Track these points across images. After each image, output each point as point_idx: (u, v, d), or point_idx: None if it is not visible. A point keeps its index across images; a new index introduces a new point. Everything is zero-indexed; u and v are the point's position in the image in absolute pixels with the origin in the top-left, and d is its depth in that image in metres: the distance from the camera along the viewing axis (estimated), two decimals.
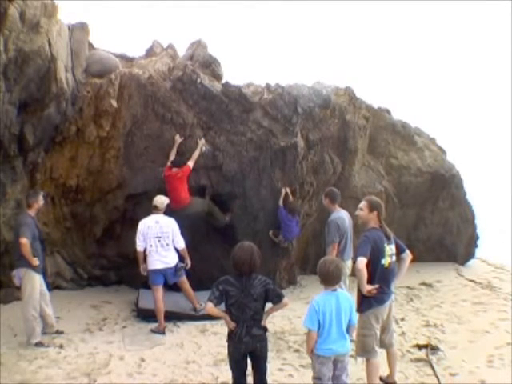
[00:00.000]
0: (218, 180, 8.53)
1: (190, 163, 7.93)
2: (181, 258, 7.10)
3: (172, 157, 8.05)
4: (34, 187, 7.49)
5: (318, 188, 9.14)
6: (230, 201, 8.57)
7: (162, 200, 7.07)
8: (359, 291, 4.84)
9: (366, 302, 4.82)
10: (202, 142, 8.24)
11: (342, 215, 6.74)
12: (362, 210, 5.04)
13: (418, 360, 5.87)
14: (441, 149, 11.34)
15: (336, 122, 9.40)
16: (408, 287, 8.95)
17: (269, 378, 4.54)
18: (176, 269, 7.00)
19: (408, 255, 5.08)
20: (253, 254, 4.26)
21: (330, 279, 4.23)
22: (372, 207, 4.98)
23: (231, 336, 4.31)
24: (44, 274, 6.66)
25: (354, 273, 4.95)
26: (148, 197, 7.30)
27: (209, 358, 5.96)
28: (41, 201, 6.64)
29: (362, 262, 4.67)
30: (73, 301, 8.08)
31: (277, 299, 4.30)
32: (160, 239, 6.87)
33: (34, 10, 6.81)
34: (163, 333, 6.79)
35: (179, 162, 7.96)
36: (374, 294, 4.74)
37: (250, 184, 8.54)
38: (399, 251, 5.03)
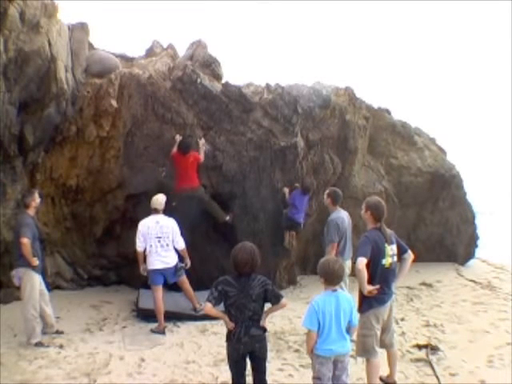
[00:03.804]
0: (217, 180, 8.53)
1: (201, 157, 8.10)
2: (181, 258, 7.10)
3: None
4: (34, 187, 7.48)
5: (318, 188, 9.13)
6: (230, 201, 8.57)
7: (160, 201, 7.05)
8: (360, 291, 4.84)
9: (366, 302, 4.81)
10: (202, 141, 8.25)
11: (341, 215, 6.74)
12: (362, 209, 5.06)
13: (418, 360, 5.86)
14: (441, 149, 11.35)
15: (336, 122, 9.41)
16: (408, 287, 8.95)
17: (269, 378, 4.53)
18: (176, 269, 6.99)
19: (410, 255, 5.07)
20: (254, 254, 4.26)
21: (334, 279, 4.22)
22: (367, 207, 4.98)
23: (230, 336, 4.30)
24: (44, 273, 6.66)
25: (354, 273, 4.95)
26: (148, 197, 7.29)
27: (209, 358, 5.95)
28: (37, 198, 6.58)
29: (362, 262, 4.66)
30: (73, 301, 8.08)
31: (275, 300, 4.29)
32: (160, 239, 6.86)
33: (34, 10, 6.81)
34: (163, 333, 6.79)
35: (186, 147, 7.96)
36: (375, 294, 4.74)
37: (249, 184, 8.53)
38: (401, 251, 5.02)
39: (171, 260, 6.96)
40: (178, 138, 8.13)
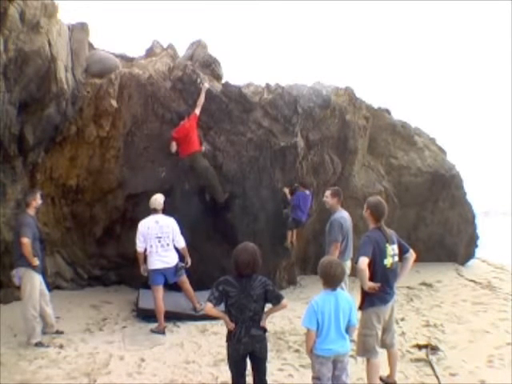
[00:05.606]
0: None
1: (197, 111, 8.15)
2: (181, 258, 7.10)
3: None
4: (34, 187, 7.48)
5: (318, 188, 9.14)
6: (230, 201, 8.56)
7: (158, 201, 7.04)
8: (362, 289, 4.83)
9: (368, 300, 4.80)
10: (205, 86, 8.31)
11: (344, 215, 6.72)
12: (364, 208, 5.06)
13: (418, 360, 5.85)
14: (441, 149, 11.37)
15: (336, 122, 9.42)
16: (408, 287, 8.96)
17: (269, 378, 4.52)
18: (176, 268, 6.99)
19: (412, 255, 5.05)
20: (256, 255, 4.25)
21: (334, 282, 4.21)
22: (367, 206, 4.98)
23: (230, 336, 4.30)
24: (44, 273, 6.65)
25: (354, 273, 4.94)
26: (148, 197, 7.29)
27: (209, 358, 5.95)
28: (39, 199, 6.59)
29: (364, 261, 4.65)
30: (73, 301, 8.08)
31: (275, 301, 4.29)
32: (160, 239, 6.86)
33: (34, 10, 6.80)
34: (163, 333, 6.79)
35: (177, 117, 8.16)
36: (376, 291, 4.72)
37: (249, 184, 8.54)
38: (402, 251, 5.01)
39: (171, 260, 6.96)
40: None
